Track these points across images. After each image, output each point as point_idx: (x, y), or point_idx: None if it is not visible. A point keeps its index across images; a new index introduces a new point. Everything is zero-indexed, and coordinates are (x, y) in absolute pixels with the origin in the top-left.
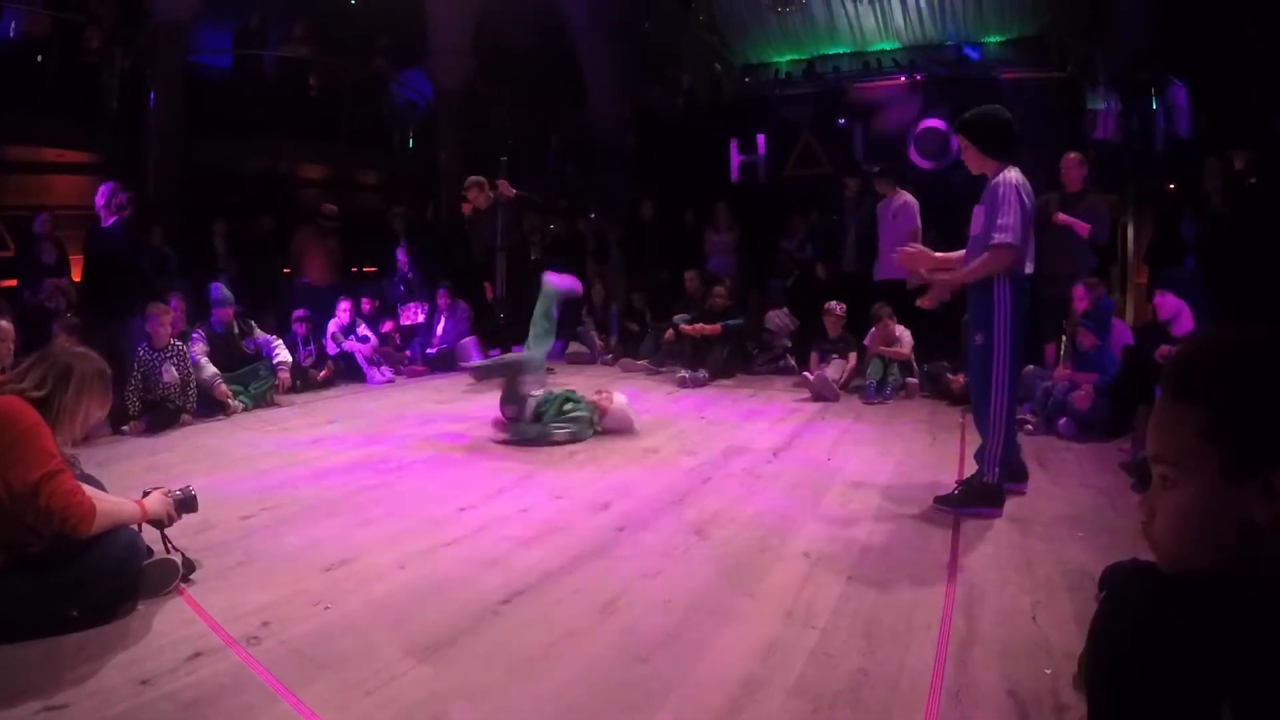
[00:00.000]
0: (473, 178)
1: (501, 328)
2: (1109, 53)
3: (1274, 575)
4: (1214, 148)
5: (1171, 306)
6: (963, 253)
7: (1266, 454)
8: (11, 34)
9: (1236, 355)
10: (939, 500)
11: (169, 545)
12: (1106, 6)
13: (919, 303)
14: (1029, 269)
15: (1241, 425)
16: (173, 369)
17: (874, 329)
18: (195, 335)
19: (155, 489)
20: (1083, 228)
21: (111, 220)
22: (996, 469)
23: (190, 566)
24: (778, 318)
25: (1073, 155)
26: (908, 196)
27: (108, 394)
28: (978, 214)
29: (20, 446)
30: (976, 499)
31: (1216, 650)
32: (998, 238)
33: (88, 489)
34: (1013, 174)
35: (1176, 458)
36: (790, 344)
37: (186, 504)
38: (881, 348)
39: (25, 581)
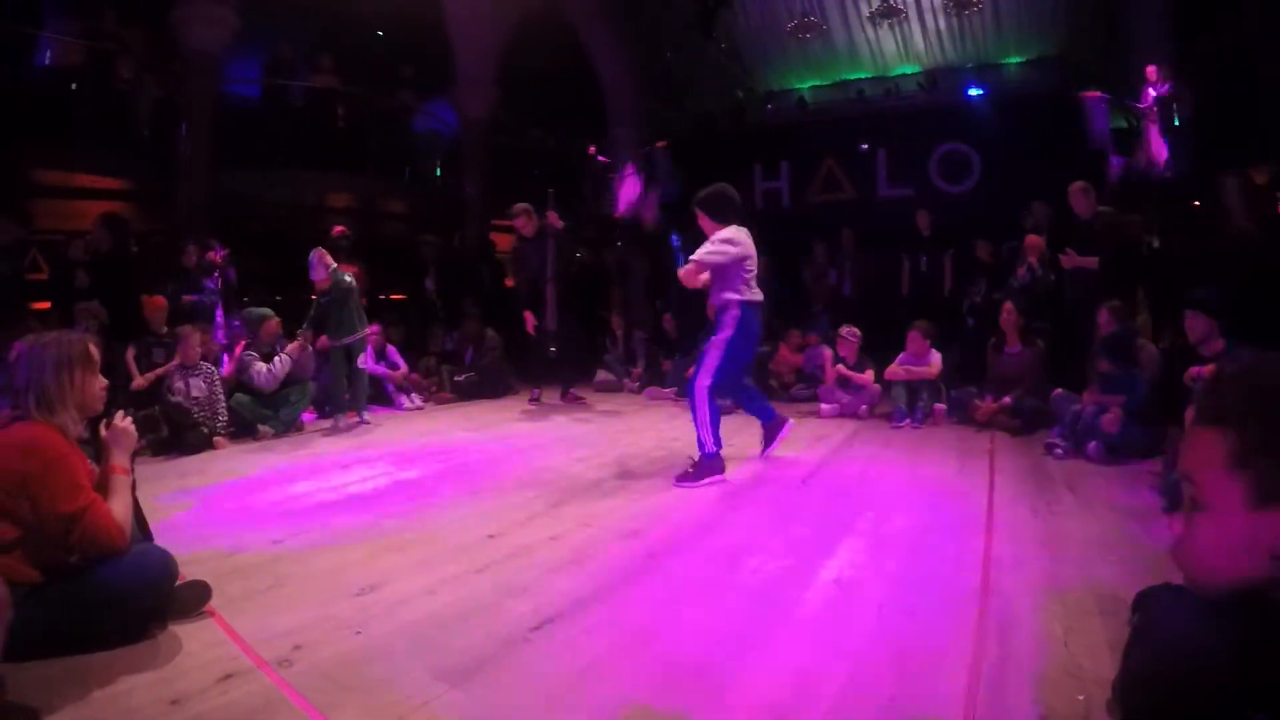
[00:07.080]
0: (520, 205)
1: (553, 361)
2: (1127, 71)
3: None
4: (1232, 164)
5: (1201, 327)
6: None
7: None
8: (46, 63)
9: (1268, 385)
10: (678, 482)
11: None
12: (1123, 25)
13: None
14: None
15: (1269, 456)
16: (202, 384)
17: (905, 352)
18: (247, 357)
19: (119, 414)
20: (1090, 262)
21: None
22: (711, 439)
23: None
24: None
25: (1078, 184)
26: None
27: (91, 360)
28: None
29: (49, 477)
30: (706, 470)
31: (1248, 667)
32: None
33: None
34: (729, 230)
35: (1205, 480)
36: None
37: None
38: (909, 367)
39: (60, 599)
